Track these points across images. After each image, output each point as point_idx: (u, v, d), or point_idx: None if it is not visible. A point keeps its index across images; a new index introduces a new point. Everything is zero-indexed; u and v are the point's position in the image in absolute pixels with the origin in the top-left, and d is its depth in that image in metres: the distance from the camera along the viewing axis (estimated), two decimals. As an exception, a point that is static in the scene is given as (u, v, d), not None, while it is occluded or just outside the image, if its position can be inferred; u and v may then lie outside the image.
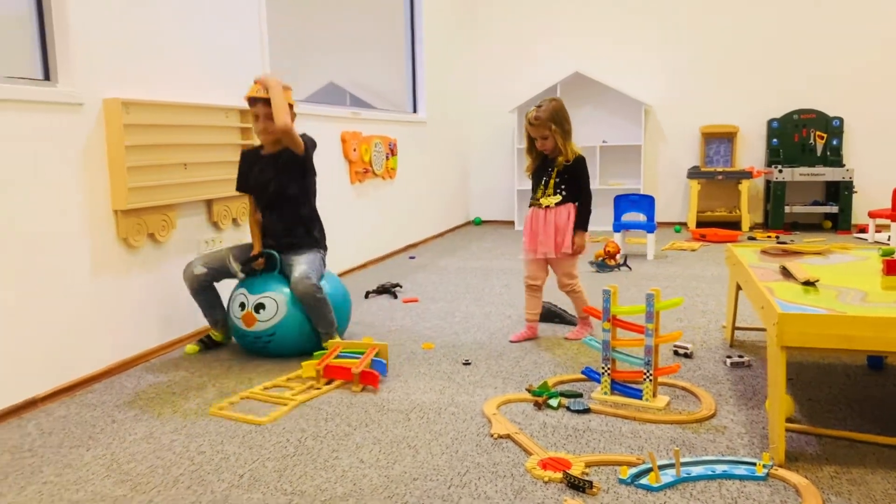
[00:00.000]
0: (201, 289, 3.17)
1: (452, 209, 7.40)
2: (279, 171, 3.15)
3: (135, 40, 3.07)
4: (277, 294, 3.05)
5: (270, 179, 3.16)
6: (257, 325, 3.03)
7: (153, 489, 1.96)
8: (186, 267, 3.14)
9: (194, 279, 3.13)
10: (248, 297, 3.07)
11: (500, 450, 2.16)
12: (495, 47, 7.59)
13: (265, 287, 3.08)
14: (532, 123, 3.24)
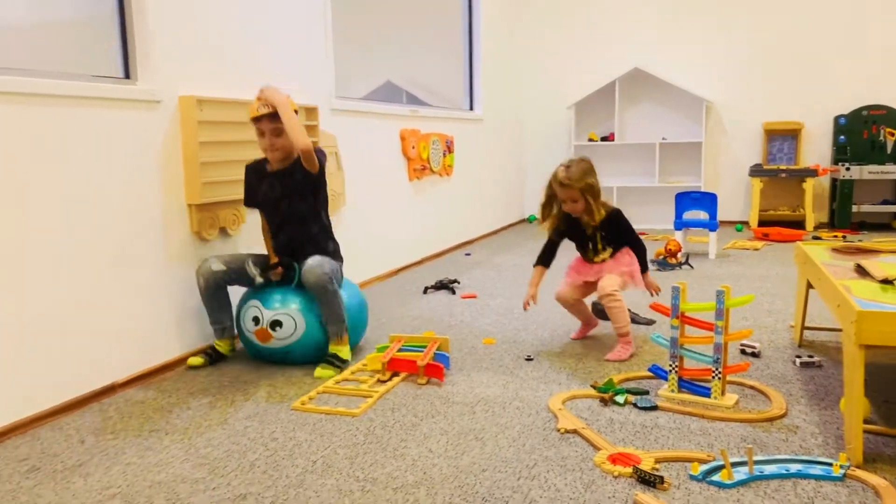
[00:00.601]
0: (216, 287, 2.97)
1: (508, 206, 7.40)
2: (290, 189, 2.97)
3: (208, 40, 3.17)
4: (295, 312, 2.88)
5: (280, 198, 2.98)
6: (273, 342, 2.89)
7: (230, 472, 2.02)
8: (202, 263, 2.96)
9: (211, 276, 2.93)
10: (263, 312, 2.88)
11: (567, 444, 2.16)
12: (552, 43, 7.56)
13: (282, 302, 2.90)
14: (563, 184, 3.01)
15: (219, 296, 3.00)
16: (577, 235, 3.16)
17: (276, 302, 2.90)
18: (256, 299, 2.92)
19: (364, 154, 4.47)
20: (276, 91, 2.87)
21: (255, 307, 2.91)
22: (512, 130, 7.45)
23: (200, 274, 2.94)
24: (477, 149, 6.41)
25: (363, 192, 4.46)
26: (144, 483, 1.98)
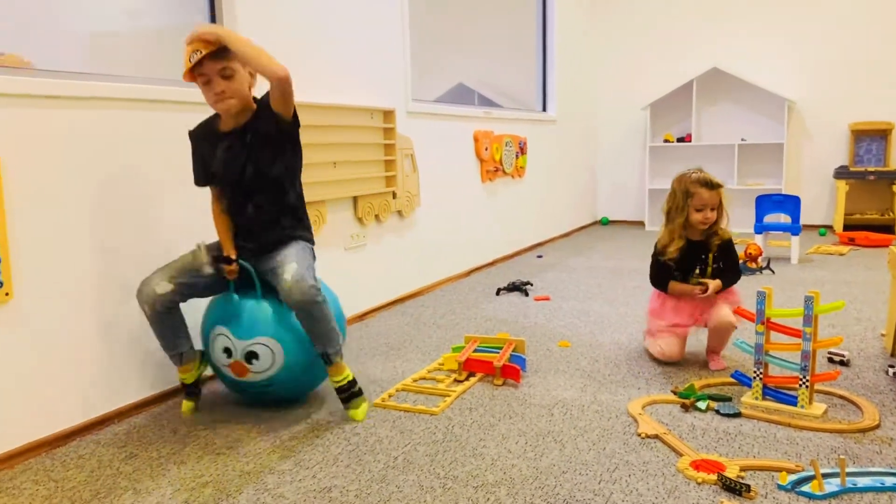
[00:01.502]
0: (165, 312, 2.35)
1: (580, 208, 7.33)
2: (255, 147, 2.34)
3: (289, 45, 3.26)
4: (271, 340, 2.35)
5: (245, 161, 2.35)
6: (250, 375, 2.40)
7: (315, 465, 2.09)
8: (143, 285, 2.33)
9: (156, 300, 2.31)
10: (235, 343, 2.36)
11: (648, 449, 2.14)
12: (628, 43, 7.45)
13: (253, 329, 2.36)
14: (711, 185, 2.75)
15: (171, 320, 2.40)
16: (688, 260, 2.86)
17: (246, 329, 2.37)
18: (223, 326, 2.40)
19: (438, 156, 4.52)
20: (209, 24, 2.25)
21: (223, 336, 2.39)
22: (585, 131, 7.39)
23: (143, 300, 2.32)
24: (549, 150, 6.38)
25: (437, 193, 4.50)
26: (234, 473, 2.06)
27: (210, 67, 2.20)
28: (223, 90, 2.23)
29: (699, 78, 6.88)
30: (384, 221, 3.99)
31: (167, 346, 2.45)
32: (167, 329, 2.41)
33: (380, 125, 3.83)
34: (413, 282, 4.33)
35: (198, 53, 2.16)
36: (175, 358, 2.49)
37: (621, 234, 6.98)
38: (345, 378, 2.41)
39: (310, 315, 2.28)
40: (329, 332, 2.34)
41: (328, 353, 2.38)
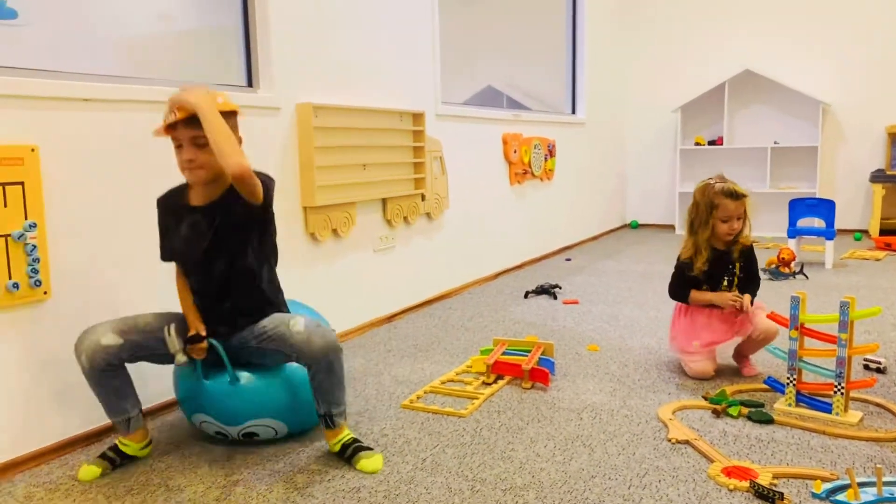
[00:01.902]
0: (106, 370, 2.01)
1: (609, 212, 7.29)
2: (225, 232, 2.08)
3: (322, 49, 3.29)
4: (271, 419, 2.19)
5: (210, 246, 2.08)
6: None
7: (344, 466, 2.10)
8: (85, 334, 2.02)
9: (96, 353, 1.99)
10: (227, 429, 2.19)
11: (678, 454, 2.12)
12: (658, 46, 7.39)
13: (242, 413, 2.15)
14: (737, 195, 2.67)
15: (114, 380, 2.06)
16: (715, 272, 2.79)
17: (238, 411, 2.15)
18: (206, 414, 2.17)
19: (467, 158, 4.52)
20: (196, 88, 2.01)
21: (210, 423, 2.19)
22: (615, 134, 7.34)
23: (82, 351, 1.99)
24: (578, 153, 6.35)
25: (465, 196, 4.51)
26: (264, 472, 2.08)
27: (183, 133, 2.00)
28: (192, 159, 2.01)
29: (731, 80, 6.80)
30: (413, 223, 4.00)
31: (111, 411, 2.09)
32: (109, 390, 2.06)
33: (409, 128, 3.85)
34: (441, 284, 4.34)
35: (173, 115, 1.99)
36: (121, 425, 2.10)
37: (651, 237, 6.91)
38: (346, 435, 2.15)
39: (330, 367, 2.04)
40: (341, 388, 2.11)
41: (333, 414, 2.11)
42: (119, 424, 2.11)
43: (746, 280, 2.81)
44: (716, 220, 2.72)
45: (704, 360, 2.76)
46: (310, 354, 2.02)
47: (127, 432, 2.11)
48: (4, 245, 2.01)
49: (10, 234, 2.02)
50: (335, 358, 2.05)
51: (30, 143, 2.08)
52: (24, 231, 2.05)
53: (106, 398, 2.07)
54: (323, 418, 2.12)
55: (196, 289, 2.18)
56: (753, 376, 2.78)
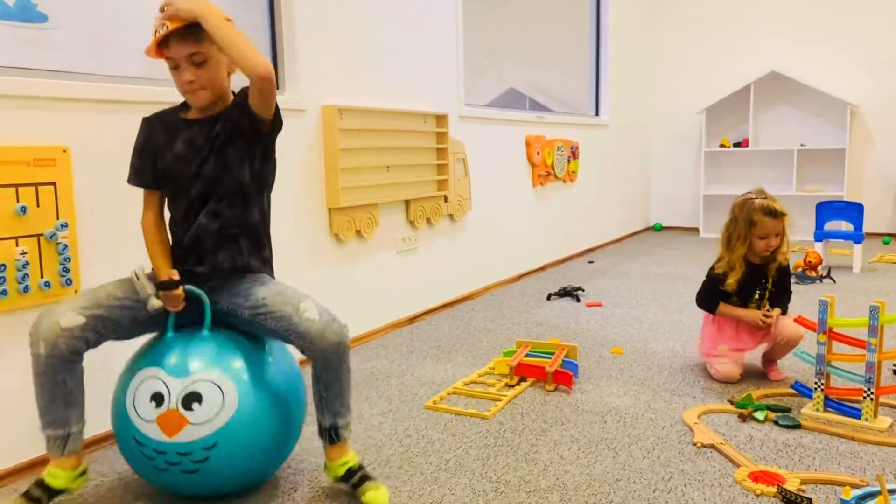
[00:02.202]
0: (65, 359, 1.72)
1: (632, 214, 7.24)
2: (222, 140, 1.86)
3: (347, 51, 3.31)
4: (221, 375, 1.78)
5: (205, 158, 1.86)
6: (186, 430, 1.73)
7: (368, 465, 2.10)
8: (42, 315, 1.75)
9: (62, 337, 1.71)
10: (169, 383, 1.76)
11: (704, 458, 2.10)
12: (683, 47, 7.34)
13: (197, 363, 1.79)
14: (775, 213, 2.64)
15: (69, 378, 1.75)
16: (747, 287, 2.76)
17: (188, 364, 1.78)
18: (154, 366, 1.79)
19: (489, 160, 4.52)
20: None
21: (154, 378, 1.77)
22: (638, 136, 7.30)
23: (39, 337, 1.71)
24: (602, 155, 6.33)
25: (488, 197, 4.51)
26: (289, 470, 2.09)
27: (177, 50, 1.77)
28: (192, 80, 1.80)
29: (757, 82, 6.73)
30: (435, 225, 4.01)
31: (51, 420, 1.75)
32: (58, 391, 1.73)
33: (432, 129, 3.86)
34: (463, 285, 4.34)
35: (164, 28, 1.74)
36: (57, 442, 1.75)
37: (675, 240, 6.86)
38: (353, 458, 1.91)
39: (340, 364, 1.82)
40: (349, 393, 1.87)
41: (339, 426, 1.86)
42: (55, 442, 1.76)
43: (778, 294, 2.79)
44: (753, 237, 2.69)
45: (731, 363, 2.73)
46: (321, 349, 1.77)
47: (61, 453, 1.76)
48: (37, 244, 2.05)
49: (42, 234, 2.06)
50: (346, 357, 1.83)
51: (61, 144, 2.12)
52: (56, 230, 2.09)
53: (51, 402, 1.73)
54: (326, 432, 1.87)
55: (173, 215, 1.91)
56: (780, 381, 2.75)
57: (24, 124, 2.05)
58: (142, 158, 1.91)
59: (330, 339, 1.78)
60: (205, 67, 1.80)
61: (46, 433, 1.76)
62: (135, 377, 1.80)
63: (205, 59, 1.79)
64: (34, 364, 1.72)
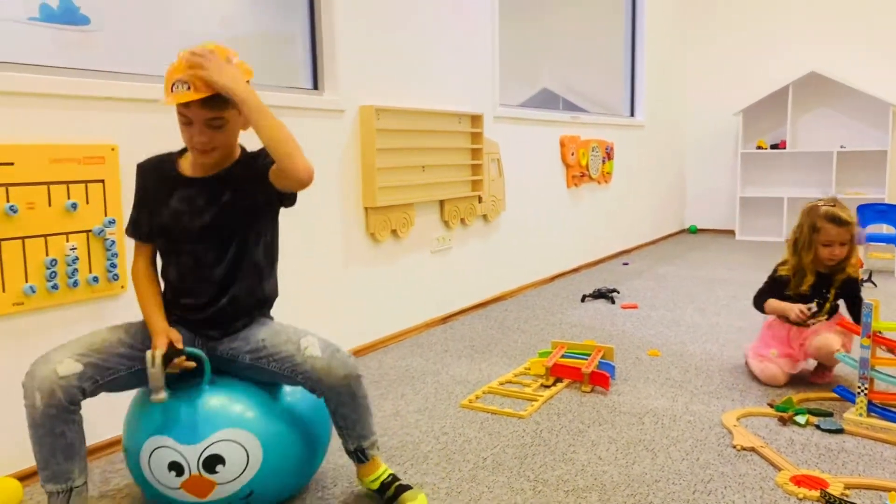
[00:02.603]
0: (62, 409, 1.61)
1: (667, 216, 7.18)
2: (233, 211, 1.77)
3: (384, 52, 3.34)
4: (238, 432, 1.71)
5: (210, 224, 1.76)
6: (217, 490, 1.71)
7: (406, 462, 2.12)
8: (37, 364, 1.64)
9: (59, 386, 1.60)
10: (184, 452, 1.69)
11: (744, 462, 2.08)
12: (720, 47, 7.25)
13: (207, 424, 1.71)
14: (841, 222, 2.59)
15: (68, 429, 1.64)
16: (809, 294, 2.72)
17: (197, 427, 1.70)
18: (161, 434, 1.71)
19: (524, 160, 4.52)
20: (217, 59, 1.63)
21: (166, 448, 1.70)
22: (674, 137, 7.23)
23: (35, 387, 1.60)
24: (637, 156, 6.28)
25: (522, 198, 4.50)
26: (327, 465, 2.11)
27: (197, 113, 1.65)
28: (207, 141, 1.68)
29: (796, 82, 6.63)
30: (469, 225, 4.02)
31: (51, 475, 1.64)
32: (58, 443, 1.62)
33: (467, 130, 3.87)
34: (496, 286, 4.34)
35: (183, 87, 1.60)
36: (60, 497, 1.64)
37: (711, 243, 6.78)
38: (384, 472, 1.88)
39: (353, 396, 1.75)
40: (369, 415, 1.82)
41: (364, 446, 1.83)
42: (57, 497, 1.64)
43: (850, 310, 2.74)
44: (817, 244, 2.65)
45: (778, 366, 2.70)
46: (330, 386, 1.71)
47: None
48: (86, 240, 2.10)
49: (91, 230, 2.11)
50: (358, 388, 1.75)
51: (110, 143, 2.17)
52: (104, 227, 2.14)
53: (51, 455, 1.62)
54: (354, 454, 1.85)
55: (179, 279, 1.81)
56: (824, 383, 2.71)
57: (75, 123, 2.11)
58: (139, 211, 1.82)
59: (338, 374, 1.70)
60: (222, 130, 1.69)
61: (48, 488, 1.64)
62: (143, 447, 1.73)
63: (223, 125, 1.68)
64: (29, 417, 1.61)
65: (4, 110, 1.95)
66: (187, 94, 1.59)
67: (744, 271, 5.09)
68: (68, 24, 2.23)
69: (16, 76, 1.97)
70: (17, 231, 1.95)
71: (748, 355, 2.89)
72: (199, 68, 1.60)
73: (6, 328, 1.97)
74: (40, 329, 2.04)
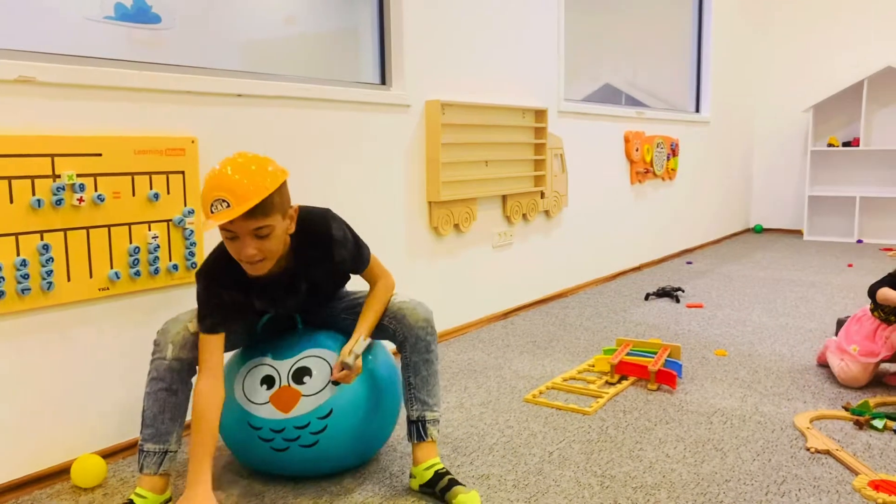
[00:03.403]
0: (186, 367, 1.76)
1: (732, 214, 7.01)
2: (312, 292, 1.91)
3: (450, 47, 3.36)
4: (326, 351, 1.90)
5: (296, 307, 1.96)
6: (301, 403, 1.82)
7: (472, 453, 2.14)
8: (169, 322, 1.79)
9: (186, 342, 1.75)
10: (278, 366, 1.87)
11: (819, 464, 2.03)
12: (790, 41, 7.03)
13: (299, 345, 1.91)
14: None
15: (180, 390, 1.77)
16: None
17: (291, 347, 1.91)
18: (260, 355, 1.91)
19: (587, 156, 4.48)
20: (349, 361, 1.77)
21: (262, 365, 1.88)
22: (740, 134, 7.05)
23: (168, 341, 1.74)
24: (702, 152, 6.15)
25: (584, 194, 4.47)
26: (395, 454, 2.14)
27: (241, 226, 1.63)
28: (255, 252, 1.66)
29: (871, 78, 6.38)
30: (531, 221, 4.01)
31: (154, 433, 1.73)
32: (169, 401, 1.73)
33: (531, 124, 3.85)
34: (558, 282, 4.32)
35: (223, 205, 1.58)
36: (155, 457, 1.73)
37: (777, 242, 6.60)
38: (438, 462, 1.87)
39: (428, 347, 1.85)
40: (436, 381, 1.87)
41: (426, 420, 1.85)
42: (152, 457, 1.73)
43: None
44: None
45: (859, 365, 2.62)
46: (413, 324, 1.83)
47: (156, 470, 1.73)
48: (166, 229, 2.18)
49: (171, 220, 2.19)
50: (433, 339, 1.86)
51: (190, 135, 2.24)
52: (184, 216, 2.21)
53: (160, 411, 1.72)
54: (414, 426, 1.85)
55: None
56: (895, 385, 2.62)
57: (157, 116, 2.19)
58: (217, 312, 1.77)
59: (420, 315, 1.86)
60: (269, 238, 1.67)
61: (146, 447, 1.72)
62: (240, 370, 1.91)
63: (270, 232, 1.66)
64: (154, 370, 1.73)
65: (93, 104, 2.04)
66: (228, 211, 1.58)
67: (812, 272, 4.94)
68: (141, 22, 2.31)
69: (103, 71, 2.05)
70: (104, 219, 2.04)
71: (828, 347, 2.80)
72: (350, 377, 1.80)
73: (92, 312, 2.06)
74: (123, 314, 2.13)
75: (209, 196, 1.61)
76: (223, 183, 1.60)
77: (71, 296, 1.99)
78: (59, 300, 1.96)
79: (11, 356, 1.90)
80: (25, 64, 1.89)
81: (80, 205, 1.97)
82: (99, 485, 1.96)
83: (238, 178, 1.60)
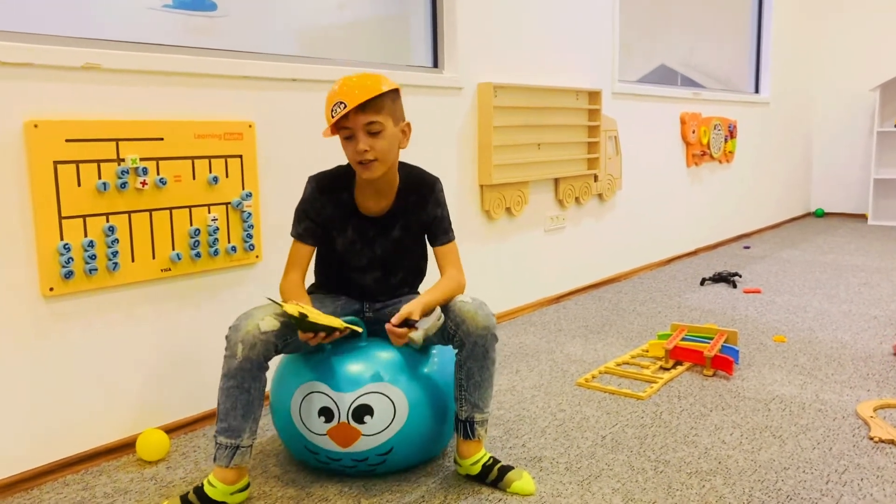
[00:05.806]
0: (257, 364, 1.72)
1: (791, 198, 6.81)
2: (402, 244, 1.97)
3: (502, 29, 3.33)
4: (388, 386, 1.80)
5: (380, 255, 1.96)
6: (360, 441, 1.79)
7: (524, 435, 2.14)
8: (241, 318, 1.75)
9: (259, 340, 1.71)
10: (337, 399, 1.79)
11: (883, 454, 1.97)
12: (854, 18, 6.76)
13: (362, 376, 1.81)
14: None
15: (255, 385, 1.74)
16: None
17: (353, 377, 1.80)
18: (317, 380, 1.82)
19: (642, 138, 4.40)
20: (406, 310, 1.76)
21: (320, 394, 1.81)
22: (802, 115, 6.83)
23: (239, 339, 1.71)
24: (761, 134, 5.98)
25: (639, 177, 4.40)
26: (446, 435, 2.16)
27: (355, 120, 1.75)
28: (367, 149, 1.76)
29: (944, 54, 6.10)
30: (584, 204, 3.97)
31: (226, 427, 1.72)
32: (242, 398, 1.71)
33: (584, 106, 3.80)
34: (610, 267, 4.27)
35: (341, 107, 1.73)
36: (226, 451, 1.72)
37: (839, 227, 6.38)
38: (485, 455, 1.87)
39: (485, 355, 1.80)
40: (490, 386, 1.85)
41: (475, 420, 1.84)
42: (224, 451, 1.72)
43: None
44: None
45: None
46: (472, 329, 1.76)
47: (227, 464, 1.72)
48: (225, 212, 2.23)
49: (230, 202, 2.24)
50: (492, 347, 1.81)
51: (247, 120, 2.29)
52: (242, 199, 2.26)
53: (232, 408, 1.71)
54: (462, 425, 1.84)
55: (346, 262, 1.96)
56: None
57: (216, 101, 2.23)
58: (314, 222, 1.91)
59: (480, 322, 1.77)
60: (379, 137, 1.78)
61: (219, 440, 1.73)
62: (295, 392, 1.84)
63: (381, 129, 1.77)
64: (226, 367, 1.72)
65: (156, 89, 2.09)
66: (344, 110, 1.73)
67: (877, 257, 4.76)
68: (198, 10, 2.36)
69: (163, 57, 2.11)
70: (166, 202, 2.10)
71: None
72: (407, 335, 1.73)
73: (155, 292, 2.13)
74: (184, 294, 2.19)
75: (329, 104, 1.76)
76: (340, 89, 1.76)
77: (135, 276, 2.05)
78: (124, 280, 2.03)
79: (79, 334, 1.98)
80: (91, 51, 1.95)
81: (143, 188, 2.03)
82: (162, 458, 2.04)
83: (354, 81, 1.77)
